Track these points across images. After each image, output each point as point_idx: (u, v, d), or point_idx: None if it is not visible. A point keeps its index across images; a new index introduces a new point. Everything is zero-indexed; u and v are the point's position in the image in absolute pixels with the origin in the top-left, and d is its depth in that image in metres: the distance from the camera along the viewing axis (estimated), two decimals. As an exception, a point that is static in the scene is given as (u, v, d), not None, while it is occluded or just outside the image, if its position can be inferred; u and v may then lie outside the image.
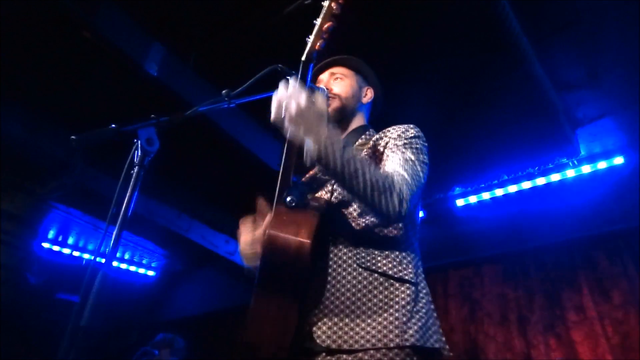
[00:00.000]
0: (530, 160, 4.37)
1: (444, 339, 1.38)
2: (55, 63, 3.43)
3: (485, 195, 4.73)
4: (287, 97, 1.27)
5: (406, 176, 1.39)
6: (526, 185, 4.51)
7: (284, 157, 1.44)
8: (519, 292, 4.26)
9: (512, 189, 4.58)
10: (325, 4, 1.40)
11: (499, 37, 3.07)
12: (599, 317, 3.74)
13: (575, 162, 4.27)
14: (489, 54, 3.25)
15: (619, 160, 4.08)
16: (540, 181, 4.44)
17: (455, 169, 4.51)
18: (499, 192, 4.66)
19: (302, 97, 1.26)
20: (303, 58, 1.40)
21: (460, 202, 4.86)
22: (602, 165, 4.15)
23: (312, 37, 1.41)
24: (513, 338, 4.08)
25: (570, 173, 4.29)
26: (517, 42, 3.10)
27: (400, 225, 1.49)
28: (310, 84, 1.45)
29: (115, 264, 6.57)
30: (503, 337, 4.14)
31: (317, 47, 1.41)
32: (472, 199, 4.81)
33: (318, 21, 1.41)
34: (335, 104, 1.73)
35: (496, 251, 4.52)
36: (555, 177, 4.36)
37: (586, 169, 4.21)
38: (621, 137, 4.13)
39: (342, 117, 1.74)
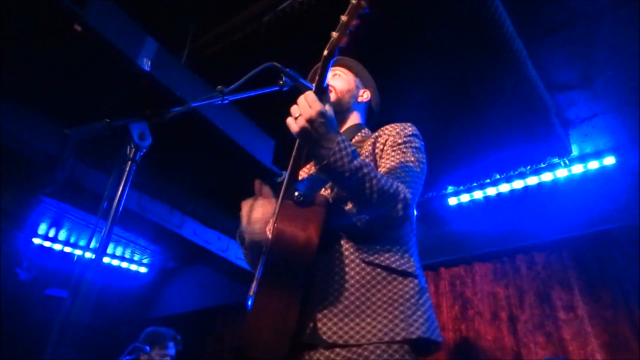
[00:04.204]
0: (523, 160, 4.39)
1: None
2: (45, 57, 3.39)
3: (478, 194, 4.76)
4: (299, 108, 1.30)
5: (408, 179, 1.43)
6: (518, 184, 4.53)
7: (294, 152, 1.44)
8: (509, 291, 4.29)
9: (504, 188, 4.60)
10: (354, 1, 1.31)
11: (492, 38, 3.08)
12: (589, 316, 3.77)
13: (567, 161, 4.30)
14: (482, 54, 3.26)
15: (610, 160, 4.12)
16: (532, 180, 4.47)
17: (448, 168, 4.52)
18: (491, 191, 4.69)
19: (312, 111, 1.28)
20: (325, 52, 1.36)
21: (452, 201, 4.88)
22: (593, 165, 4.19)
23: (337, 33, 1.34)
24: (503, 336, 4.11)
25: (562, 172, 4.33)
26: (510, 42, 3.12)
27: None
28: (325, 82, 1.41)
29: (106, 260, 6.52)
30: (493, 335, 4.17)
31: (341, 43, 1.35)
32: (464, 198, 4.83)
33: (344, 18, 1.33)
34: (331, 96, 1.74)
35: (488, 250, 4.55)
36: (547, 177, 4.39)
37: (578, 168, 4.25)
38: (613, 137, 4.17)
39: (336, 110, 1.75)
